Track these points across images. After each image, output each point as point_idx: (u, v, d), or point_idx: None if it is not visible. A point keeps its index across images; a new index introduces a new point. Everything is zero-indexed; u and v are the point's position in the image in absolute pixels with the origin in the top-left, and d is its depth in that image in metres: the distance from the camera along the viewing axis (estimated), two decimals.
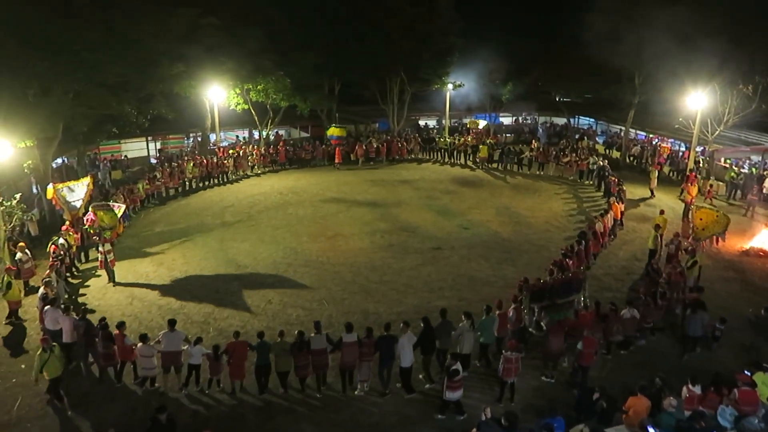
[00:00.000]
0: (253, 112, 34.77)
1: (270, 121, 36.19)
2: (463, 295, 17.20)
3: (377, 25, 35.54)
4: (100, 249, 17.93)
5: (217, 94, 32.05)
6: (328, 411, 11.99)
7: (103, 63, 21.40)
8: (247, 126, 39.02)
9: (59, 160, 29.62)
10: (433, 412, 11.75)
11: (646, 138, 38.66)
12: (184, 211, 25.97)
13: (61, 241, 18.21)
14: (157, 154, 36.06)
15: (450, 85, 39.39)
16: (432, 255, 20.37)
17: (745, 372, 11.27)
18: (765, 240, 20.94)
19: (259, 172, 33.49)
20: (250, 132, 39.58)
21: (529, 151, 34.65)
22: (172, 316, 15.42)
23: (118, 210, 18.84)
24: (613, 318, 13.57)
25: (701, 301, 14.34)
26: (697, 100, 26.25)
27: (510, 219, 24.53)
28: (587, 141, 40.17)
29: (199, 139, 36.55)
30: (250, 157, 33.47)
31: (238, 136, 40.19)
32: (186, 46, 27.22)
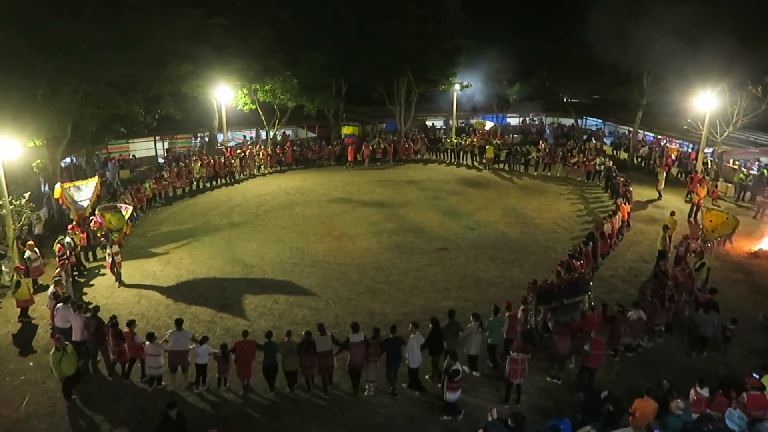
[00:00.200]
0: (261, 112, 34.87)
1: (277, 121, 36.27)
2: (470, 295, 17.18)
3: (385, 25, 35.57)
4: (108, 250, 17.90)
5: (224, 94, 32.14)
6: (335, 411, 12.01)
7: (111, 63, 21.51)
8: (254, 126, 39.11)
9: (68, 160, 29.80)
10: (439, 413, 11.74)
11: (654, 139, 38.47)
12: (191, 211, 26.07)
13: (67, 239, 18.30)
14: (165, 154, 36.21)
15: (457, 86, 39.35)
16: (438, 255, 20.36)
17: (754, 375, 11.20)
18: None
19: (265, 172, 33.57)
20: (258, 132, 39.68)
21: (536, 152, 34.56)
22: (179, 315, 15.51)
23: (126, 211, 18.81)
24: (620, 319, 13.52)
25: (714, 302, 14.29)
26: (705, 101, 26.10)
27: (517, 220, 24.48)
28: (595, 142, 40.02)
29: (207, 139, 36.69)
30: (257, 157, 33.56)
31: (245, 136, 40.30)
32: (194, 46, 27.30)
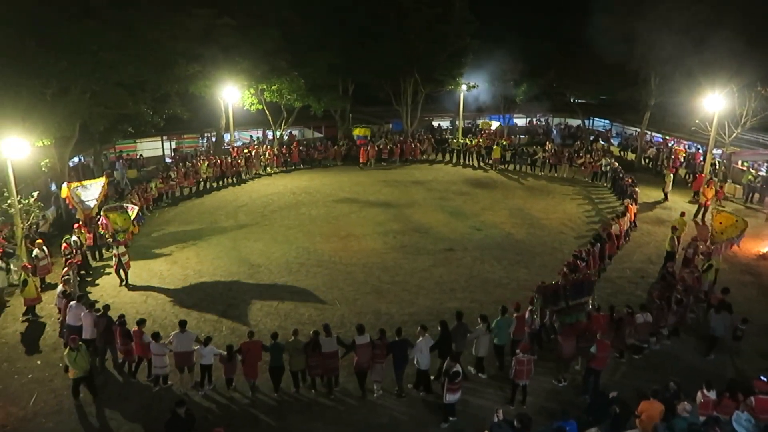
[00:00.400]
0: (267, 113, 34.95)
1: (284, 121, 36.36)
2: (476, 296, 17.15)
3: (392, 26, 35.60)
4: (114, 251, 17.81)
5: (231, 94, 32.25)
6: (340, 411, 12.02)
7: (120, 63, 21.66)
8: (261, 126, 39.25)
9: (76, 159, 29.98)
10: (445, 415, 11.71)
11: (662, 140, 38.28)
12: (197, 211, 26.15)
13: (73, 238, 18.39)
14: (172, 154, 36.36)
15: (464, 86, 39.31)
16: (444, 256, 20.34)
17: (762, 378, 11.11)
18: None
19: (271, 172, 33.63)
20: (264, 132, 39.78)
21: (542, 153, 34.45)
22: (186, 314, 15.61)
23: (132, 212, 18.80)
24: (627, 321, 13.45)
25: (727, 302, 14.23)
26: (714, 102, 25.94)
27: (523, 221, 24.42)
28: (602, 143, 39.88)
29: (214, 139, 36.81)
30: (263, 157, 33.63)
31: (252, 136, 40.42)
32: (202, 47, 27.47)
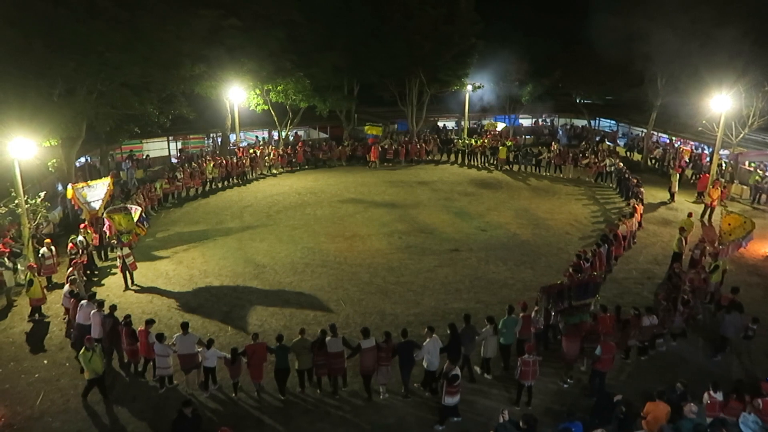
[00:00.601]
0: (273, 113, 35.02)
1: (289, 121, 36.41)
2: (481, 297, 17.12)
3: (397, 26, 35.60)
4: (119, 253, 17.81)
5: (237, 95, 32.32)
6: (346, 412, 12.02)
7: (126, 63, 21.73)
8: (266, 126, 39.31)
9: (82, 159, 30.11)
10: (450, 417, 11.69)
11: (669, 141, 38.13)
12: (203, 211, 26.22)
13: (79, 238, 18.46)
14: (178, 154, 36.48)
15: (469, 87, 39.28)
16: (450, 257, 20.32)
17: None
18: None
19: (275, 172, 33.67)
20: (270, 133, 39.85)
21: (547, 153, 34.42)
22: (191, 314, 15.67)
23: (135, 213, 18.77)
24: (634, 323, 13.41)
25: (737, 302, 14.18)
26: (721, 103, 25.82)
27: (529, 221, 24.37)
28: (608, 143, 39.78)
29: (220, 139, 36.90)
30: (267, 157, 33.68)
31: (257, 136, 40.49)
32: (208, 47, 27.53)
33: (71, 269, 15.91)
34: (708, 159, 31.94)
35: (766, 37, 24.70)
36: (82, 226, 19.59)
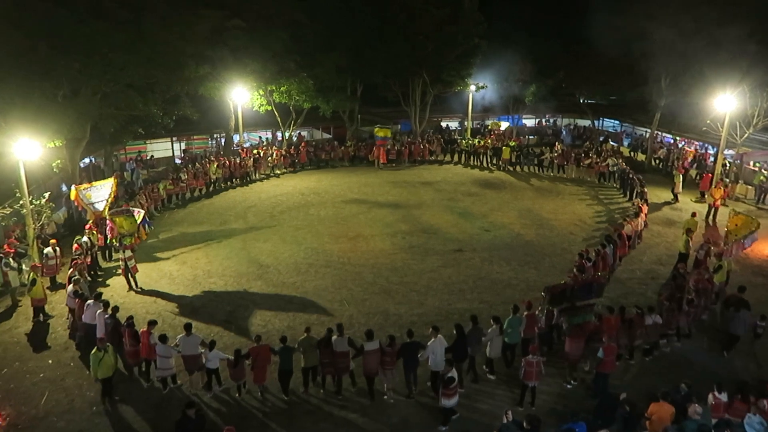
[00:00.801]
0: (276, 114, 35.06)
1: (293, 122, 36.46)
2: (485, 297, 17.10)
3: (401, 26, 35.60)
4: (121, 256, 17.77)
5: (240, 96, 32.39)
6: (349, 412, 12.02)
7: (131, 65, 21.78)
8: (270, 127, 39.37)
9: (87, 160, 30.21)
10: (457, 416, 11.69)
11: (673, 141, 38.02)
12: (207, 211, 26.26)
13: (84, 239, 18.51)
14: (182, 155, 36.56)
15: (473, 87, 39.23)
16: (453, 257, 20.30)
17: None
18: None
19: (278, 172, 33.70)
20: (274, 133, 39.90)
21: (549, 153, 34.35)
22: (195, 314, 15.70)
23: (138, 215, 18.75)
24: (637, 323, 13.38)
25: (744, 300, 14.13)
26: (725, 103, 25.74)
27: (532, 221, 24.34)
28: (611, 143, 39.71)
29: (223, 140, 36.96)
30: (271, 158, 33.73)
31: (261, 137, 40.55)
32: (212, 48, 27.59)
33: (72, 270, 15.92)
34: (712, 159, 31.87)
35: None
36: (87, 227, 19.64)
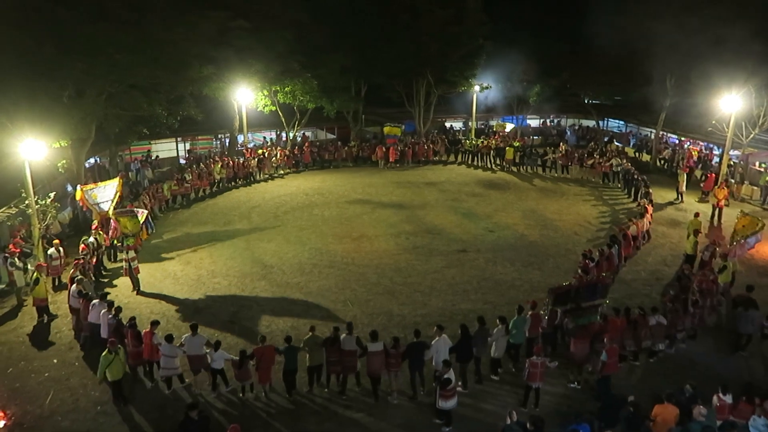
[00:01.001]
0: (281, 114, 35.12)
1: (297, 122, 36.49)
2: (489, 298, 17.08)
3: (405, 27, 35.60)
4: (125, 256, 17.78)
5: (245, 96, 32.45)
6: (353, 412, 12.03)
7: (136, 65, 21.86)
8: (274, 127, 39.42)
9: (92, 160, 30.31)
10: (459, 417, 11.63)
11: (678, 141, 37.89)
12: (211, 212, 26.32)
13: (90, 239, 18.58)
14: (186, 155, 36.65)
15: (477, 87, 39.20)
16: (457, 257, 20.29)
17: None
18: None
19: (282, 173, 33.75)
20: (279, 134, 39.96)
21: (552, 154, 34.32)
22: (199, 314, 15.72)
23: (141, 216, 18.83)
24: (641, 323, 13.34)
25: (753, 299, 14.09)
26: (731, 103, 25.64)
27: (536, 222, 24.29)
28: (616, 144, 39.61)
29: (227, 140, 37.04)
30: (274, 158, 33.76)
31: (265, 137, 40.61)
32: (216, 49, 27.63)
33: (74, 270, 15.97)
34: (717, 159, 31.72)
35: None
36: (94, 227, 19.73)
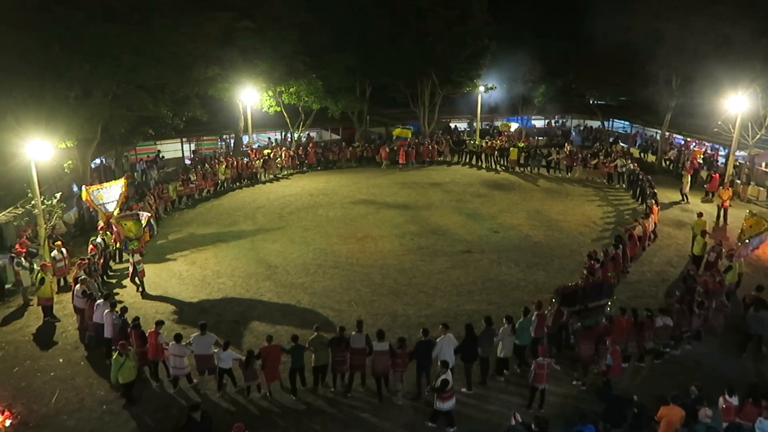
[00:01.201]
0: (285, 115, 35.17)
1: (302, 123, 36.54)
2: (493, 299, 17.06)
3: (410, 27, 35.60)
4: (130, 259, 17.83)
5: (250, 97, 32.53)
6: (358, 412, 12.03)
7: (142, 66, 21.96)
8: (279, 128, 39.50)
9: (97, 161, 30.44)
10: (463, 417, 11.63)
11: (684, 142, 37.75)
12: (216, 212, 26.38)
13: (98, 240, 18.66)
14: (191, 155, 36.75)
15: (482, 88, 39.16)
16: (461, 258, 20.27)
17: None
18: None
19: (286, 173, 33.77)
20: (283, 134, 40.03)
21: (556, 154, 34.26)
22: (204, 315, 15.75)
23: (144, 219, 18.87)
24: (648, 325, 13.30)
25: (763, 300, 14.04)
26: (737, 103, 25.53)
27: (541, 223, 24.24)
28: (621, 144, 39.49)
29: (232, 141, 37.12)
30: (279, 159, 33.82)
31: (270, 137, 40.69)
32: (221, 49, 27.75)
33: (76, 270, 15.99)
34: (723, 160, 31.59)
35: None
36: (100, 227, 19.80)
